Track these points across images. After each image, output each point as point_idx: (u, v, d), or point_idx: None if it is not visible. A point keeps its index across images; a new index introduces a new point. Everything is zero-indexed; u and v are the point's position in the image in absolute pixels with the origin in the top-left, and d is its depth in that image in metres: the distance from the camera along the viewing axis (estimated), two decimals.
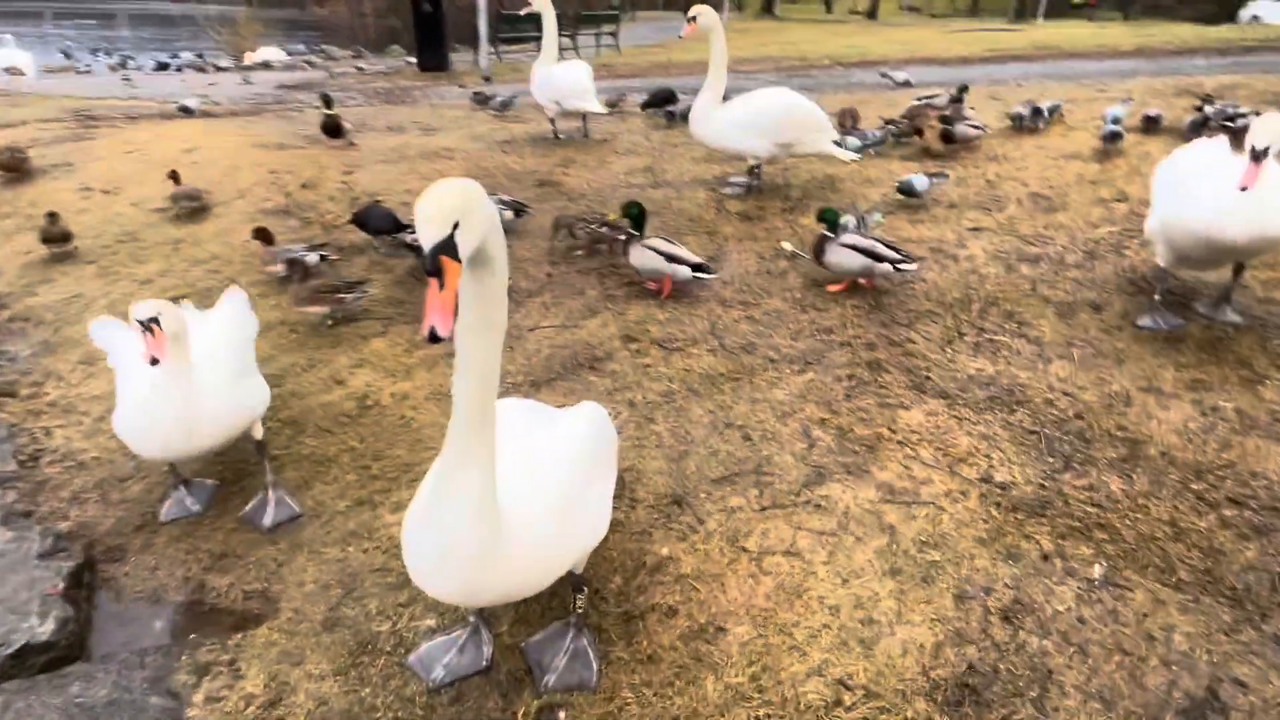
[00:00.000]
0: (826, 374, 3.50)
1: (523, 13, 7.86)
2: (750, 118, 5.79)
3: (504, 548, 1.78)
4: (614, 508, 2.47)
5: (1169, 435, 2.98)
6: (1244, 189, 3.11)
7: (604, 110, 7.79)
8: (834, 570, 2.42)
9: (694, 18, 5.87)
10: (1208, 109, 6.84)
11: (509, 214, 5.27)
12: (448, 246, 1.45)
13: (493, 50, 20.21)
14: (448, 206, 1.47)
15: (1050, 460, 2.88)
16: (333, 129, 7.77)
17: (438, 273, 1.43)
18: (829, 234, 4.21)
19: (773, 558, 2.48)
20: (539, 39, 8.12)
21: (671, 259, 4.21)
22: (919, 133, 6.95)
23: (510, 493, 1.83)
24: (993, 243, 4.97)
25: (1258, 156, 3.11)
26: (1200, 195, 3.41)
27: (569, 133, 8.12)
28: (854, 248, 4.12)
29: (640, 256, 4.27)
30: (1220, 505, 2.61)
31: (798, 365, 3.59)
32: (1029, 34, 24.93)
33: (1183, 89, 9.04)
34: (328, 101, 8.30)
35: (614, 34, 23.94)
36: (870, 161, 6.67)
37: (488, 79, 14.84)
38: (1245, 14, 33.73)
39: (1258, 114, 6.71)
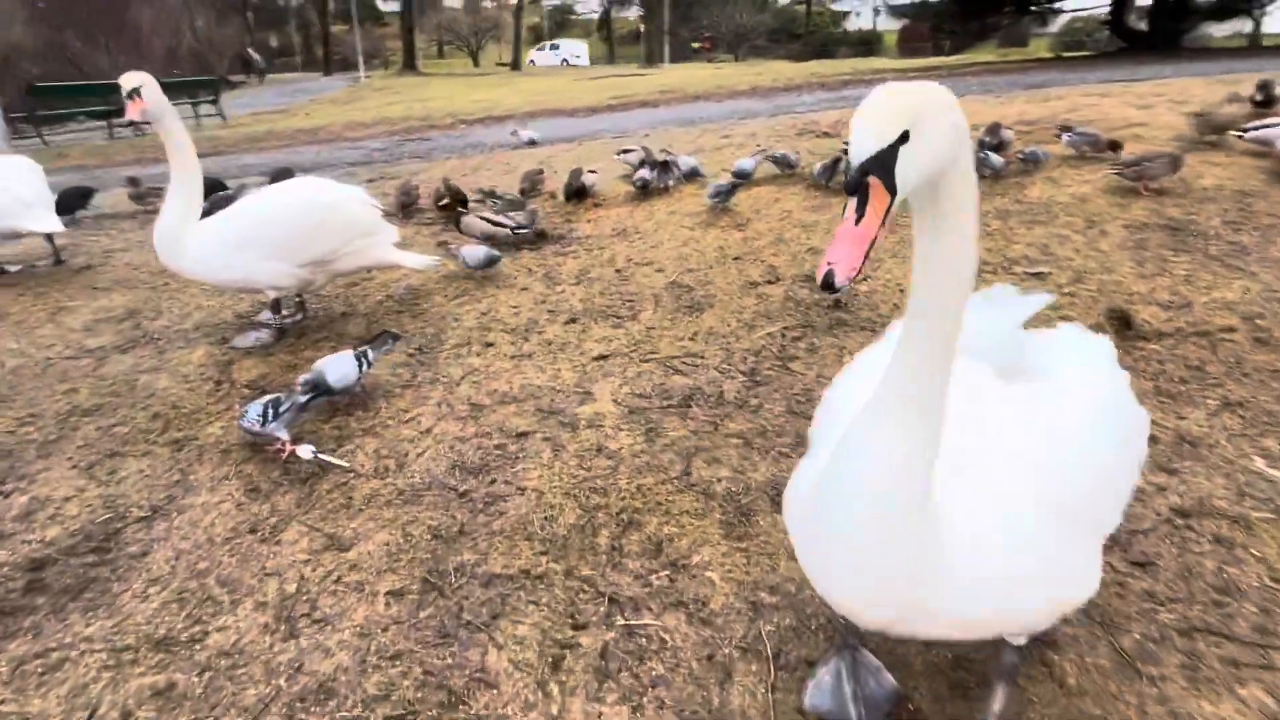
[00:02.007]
0: None
1: None
2: (251, 232, 3.73)
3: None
4: None
5: None
6: (829, 267, 1.19)
7: (60, 229, 5.06)
8: None
9: (136, 90, 3.63)
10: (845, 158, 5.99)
11: None
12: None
13: (24, 131, 16.12)
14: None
15: None
16: None
17: (857, 192, 1.06)
18: None
19: None
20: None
21: None
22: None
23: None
24: (628, 380, 3.42)
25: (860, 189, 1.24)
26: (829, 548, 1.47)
27: (23, 261, 5.37)
28: None
29: None
30: None
31: None
32: (656, 78, 25.91)
33: (802, 128, 8.66)
34: None
35: (214, 101, 20.70)
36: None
37: None
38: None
39: None
